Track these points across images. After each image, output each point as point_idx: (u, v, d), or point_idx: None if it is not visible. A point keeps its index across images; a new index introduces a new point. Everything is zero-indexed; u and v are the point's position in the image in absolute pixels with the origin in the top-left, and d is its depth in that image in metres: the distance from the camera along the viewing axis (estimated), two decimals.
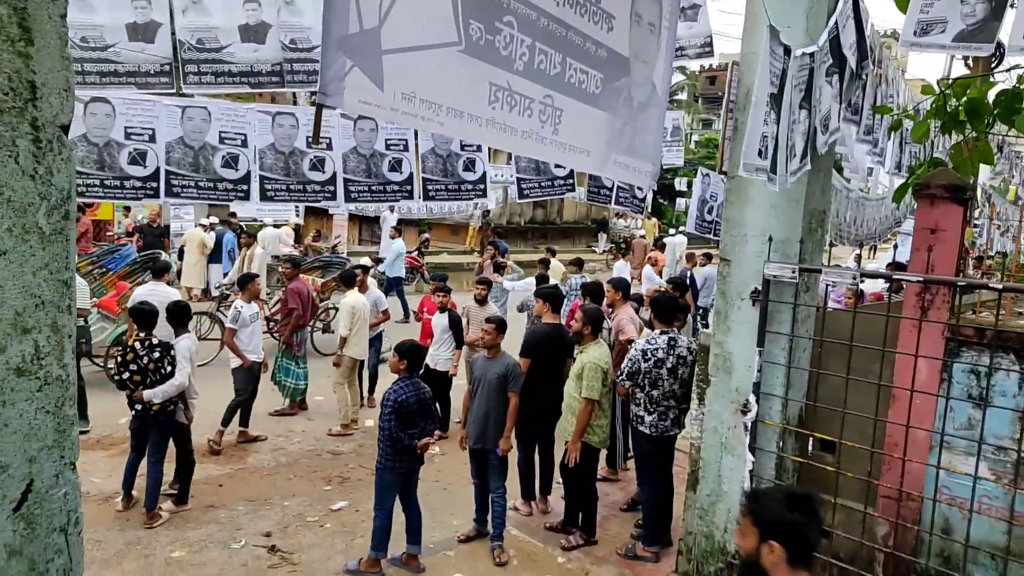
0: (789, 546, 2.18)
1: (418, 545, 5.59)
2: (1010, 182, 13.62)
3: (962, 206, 4.57)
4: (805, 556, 2.21)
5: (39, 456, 1.68)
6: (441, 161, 6.31)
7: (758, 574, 2.21)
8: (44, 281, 1.62)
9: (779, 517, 2.20)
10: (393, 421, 5.25)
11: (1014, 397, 4.49)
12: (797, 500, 2.24)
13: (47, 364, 1.68)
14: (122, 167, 5.28)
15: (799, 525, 2.20)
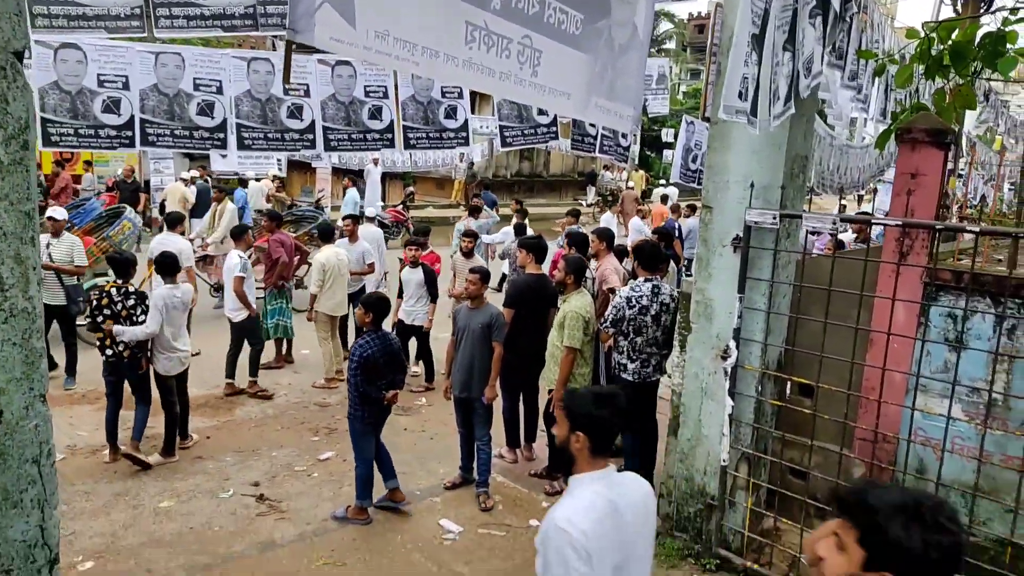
0: (593, 437, 2.45)
1: (395, 478, 5.69)
2: (996, 131, 13.60)
3: (943, 150, 4.57)
4: (604, 448, 2.50)
5: (8, 388, 1.68)
6: (422, 109, 6.21)
7: (567, 460, 2.51)
8: (5, 212, 1.59)
9: (586, 411, 2.47)
10: (359, 375, 5.29)
11: (988, 340, 4.56)
12: (603, 398, 2.51)
13: (12, 296, 1.66)
14: (96, 115, 5.17)
15: (603, 419, 2.47)
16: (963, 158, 10.54)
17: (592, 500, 2.40)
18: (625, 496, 2.47)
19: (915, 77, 6.16)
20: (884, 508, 1.54)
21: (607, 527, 2.37)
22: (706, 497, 5.07)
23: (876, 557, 1.54)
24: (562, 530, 2.31)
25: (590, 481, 2.46)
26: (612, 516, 2.40)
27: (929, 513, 1.52)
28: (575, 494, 2.45)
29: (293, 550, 5.15)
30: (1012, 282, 4.46)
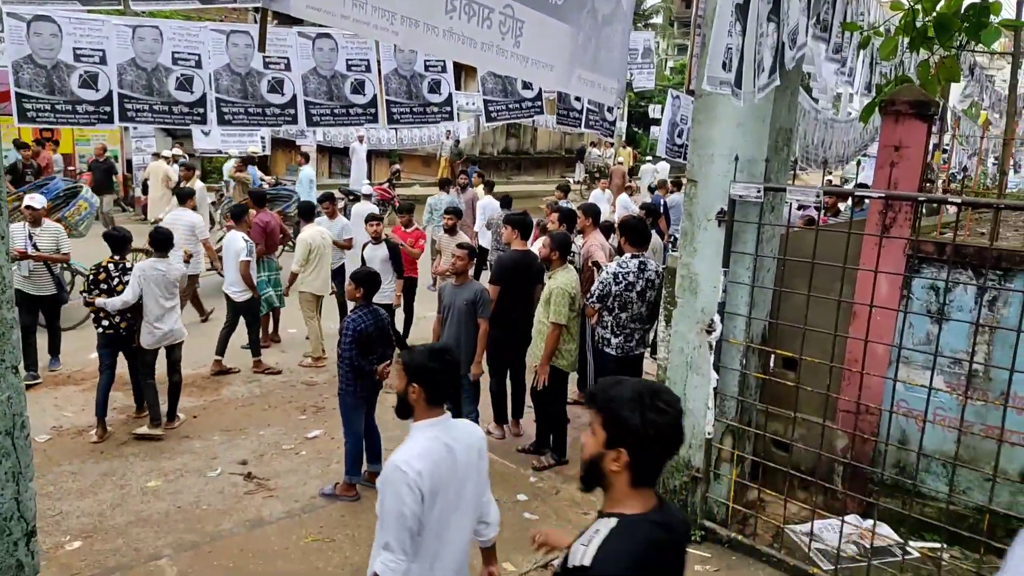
0: (427, 388, 2.70)
1: (378, 464, 5.71)
2: (980, 106, 13.63)
3: (926, 123, 4.58)
4: (438, 398, 2.76)
5: None
6: (405, 83, 6.13)
7: (406, 409, 2.77)
8: None
9: (421, 365, 2.71)
10: (354, 349, 5.30)
11: (970, 311, 4.60)
12: (436, 353, 2.77)
13: None
14: (73, 91, 5.07)
15: (435, 371, 2.70)
16: (947, 132, 10.56)
17: (429, 444, 2.68)
18: (459, 440, 2.75)
19: (900, 49, 6.15)
20: (617, 398, 1.90)
21: (443, 468, 2.66)
22: (691, 470, 5.11)
23: (613, 436, 1.91)
24: (400, 470, 2.57)
25: (427, 427, 2.74)
26: (447, 458, 2.68)
27: (648, 399, 1.88)
28: (413, 438, 2.73)
29: (281, 527, 5.16)
30: (993, 253, 4.50)
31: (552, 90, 7.11)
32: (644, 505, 1.93)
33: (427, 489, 2.58)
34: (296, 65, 5.56)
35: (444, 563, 2.73)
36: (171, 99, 5.26)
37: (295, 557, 4.81)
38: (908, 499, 4.61)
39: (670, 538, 1.95)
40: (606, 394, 1.95)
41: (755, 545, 4.83)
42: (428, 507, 2.61)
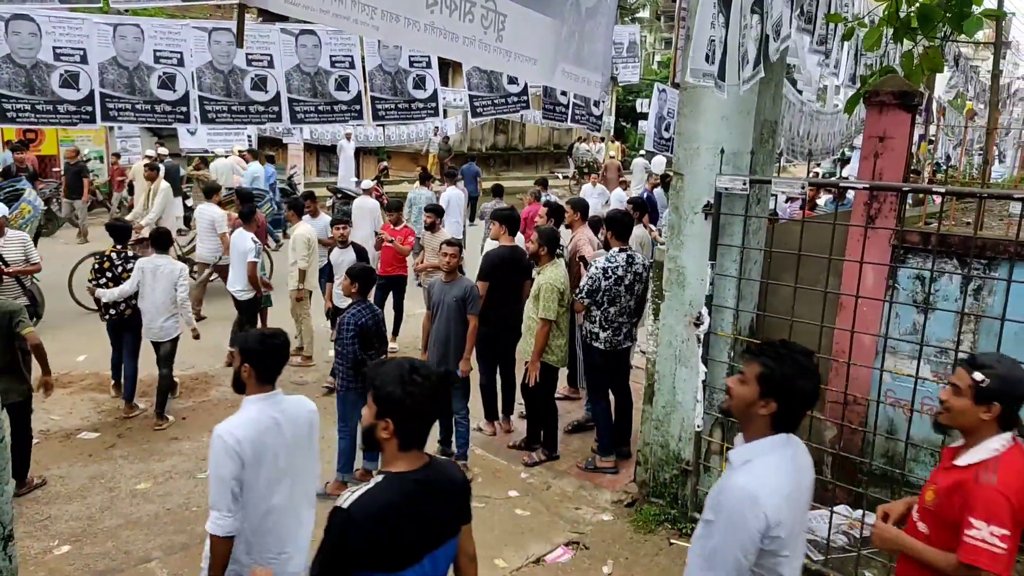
0: (256, 366, 3.01)
1: (375, 461, 5.70)
2: (966, 96, 13.70)
3: (910, 113, 4.59)
4: (267, 377, 3.05)
5: None
6: (389, 79, 6.10)
7: (240, 385, 3.06)
8: None
9: (251, 347, 3.03)
10: (356, 344, 5.31)
11: (956, 301, 4.62)
12: (266, 337, 3.09)
13: None
14: (54, 90, 5.02)
15: (263, 351, 3.02)
16: (932, 123, 10.61)
17: (255, 416, 2.98)
18: (286, 413, 3.06)
19: (884, 40, 6.16)
20: (382, 375, 2.20)
21: (268, 437, 2.96)
22: (681, 463, 5.12)
23: (381, 409, 2.20)
24: (220, 438, 2.90)
25: (256, 401, 3.04)
26: (273, 429, 2.99)
27: (408, 375, 2.17)
28: (242, 410, 3.03)
29: None
30: (977, 242, 4.52)
31: (537, 84, 7.09)
32: (410, 465, 2.24)
33: (249, 455, 2.91)
34: (279, 62, 5.52)
35: (275, 521, 3.06)
36: (154, 98, 5.22)
37: None
38: (897, 488, 4.62)
39: (431, 490, 2.26)
40: (374, 373, 2.26)
41: None
42: (253, 472, 2.93)
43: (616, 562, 4.78)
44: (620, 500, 5.54)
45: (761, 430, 2.30)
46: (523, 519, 5.28)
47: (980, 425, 2.53)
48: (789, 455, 2.30)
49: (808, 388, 2.29)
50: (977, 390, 2.51)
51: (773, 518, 2.16)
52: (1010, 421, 2.51)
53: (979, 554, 2.38)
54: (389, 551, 2.16)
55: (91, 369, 7.70)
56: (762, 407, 2.27)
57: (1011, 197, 3.80)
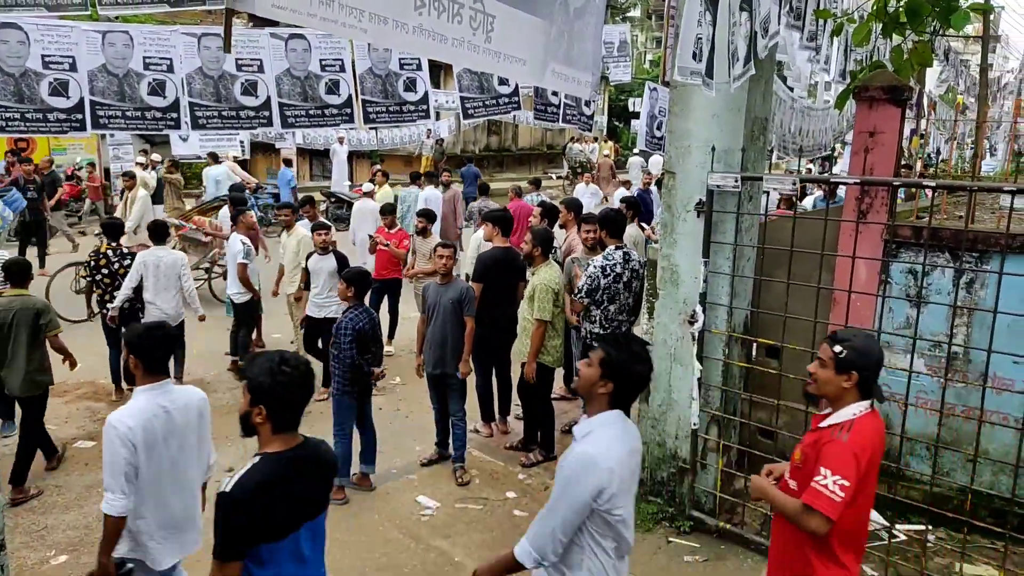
0: (141, 358, 3.27)
1: (372, 465, 5.70)
2: (956, 90, 13.76)
3: (900, 108, 4.61)
4: (155, 368, 3.33)
5: None
6: (380, 82, 6.09)
7: (129, 376, 3.35)
8: None
9: (136, 340, 3.28)
10: (354, 348, 5.31)
11: (948, 294, 4.64)
12: (151, 328, 3.38)
13: None
14: (43, 99, 5.01)
15: (148, 344, 3.29)
16: (924, 117, 10.65)
17: (144, 405, 3.24)
18: (176, 402, 3.32)
19: (873, 35, 6.18)
20: (254, 367, 2.48)
21: (156, 424, 3.23)
22: (678, 461, 5.13)
23: (254, 397, 2.47)
24: (112, 426, 3.15)
25: (146, 391, 3.29)
26: (162, 416, 3.25)
27: (276, 365, 2.45)
28: (133, 399, 3.29)
29: None
30: (969, 236, 4.54)
31: (527, 85, 7.08)
32: (284, 445, 2.51)
33: (139, 441, 3.17)
34: (269, 67, 5.51)
35: (169, 500, 3.34)
36: (144, 104, 5.21)
37: None
38: (893, 482, 4.64)
39: (303, 467, 2.54)
40: (247, 365, 2.55)
41: (743, 534, 4.85)
42: (146, 456, 3.20)
43: None
44: None
45: (601, 406, 2.67)
46: (521, 520, 5.28)
47: (842, 393, 2.82)
48: (622, 428, 2.66)
49: (640, 372, 2.67)
50: (837, 361, 2.81)
51: (608, 479, 2.50)
52: (868, 390, 2.82)
53: (819, 497, 2.66)
54: (269, 523, 2.44)
55: (86, 378, 7.68)
56: (601, 387, 2.64)
57: (1001, 190, 3.82)
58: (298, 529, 2.54)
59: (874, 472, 2.82)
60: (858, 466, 2.67)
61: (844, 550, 2.78)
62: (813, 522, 2.68)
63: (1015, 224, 3.96)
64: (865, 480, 2.73)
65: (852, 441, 2.70)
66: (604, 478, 2.48)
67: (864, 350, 2.82)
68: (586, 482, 2.49)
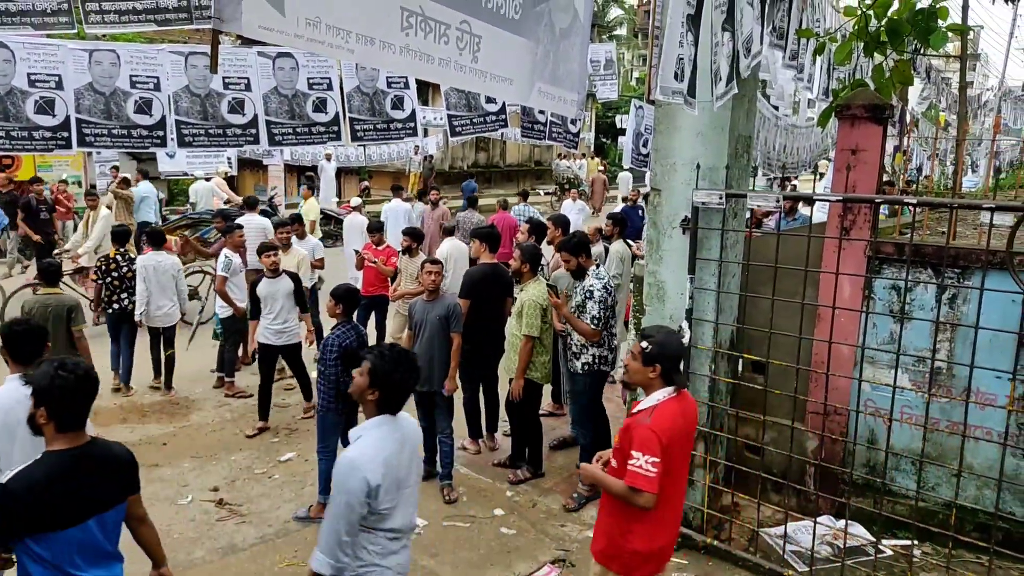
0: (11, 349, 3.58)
1: None
2: (938, 108, 13.95)
3: (882, 126, 4.67)
4: (24, 355, 3.60)
5: None
6: (368, 100, 6.12)
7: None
8: None
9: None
10: (339, 366, 5.28)
11: (931, 310, 4.68)
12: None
13: None
14: (29, 117, 5.00)
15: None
16: (907, 134, 10.78)
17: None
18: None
19: (855, 54, 6.27)
20: (37, 375, 2.71)
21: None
22: None
23: (38, 400, 2.72)
24: None
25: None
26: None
27: (55, 370, 2.68)
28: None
29: (255, 553, 5.08)
30: (951, 252, 4.59)
31: (514, 104, 7.14)
32: (69, 444, 2.73)
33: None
34: (256, 85, 5.53)
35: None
36: (130, 123, 5.20)
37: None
38: (879, 498, 4.66)
39: (89, 464, 2.75)
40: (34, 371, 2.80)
41: (731, 550, 4.85)
42: None
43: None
44: None
45: (371, 412, 2.99)
46: (509, 538, 5.26)
47: (650, 382, 3.24)
48: (389, 430, 2.95)
49: (400, 379, 2.95)
50: (644, 355, 3.22)
51: (372, 479, 2.78)
52: (670, 378, 3.23)
53: (637, 478, 3.06)
54: (48, 515, 2.65)
55: None
56: (371, 394, 2.95)
57: (981, 207, 3.87)
58: (85, 521, 2.75)
59: (685, 444, 3.29)
60: (661, 443, 3.06)
61: (654, 516, 3.20)
62: (641, 499, 3.08)
63: (995, 240, 4.01)
64: (673, 453, 3.15)
65: (654, 423, 3.10)
66: (369, 478, 2.77)
67: (665, 344, 3.23)
68: (353, 485, 2.77)
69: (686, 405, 3.28)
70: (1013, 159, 17.25)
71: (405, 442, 3.04)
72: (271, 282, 6.89)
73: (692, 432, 3.36)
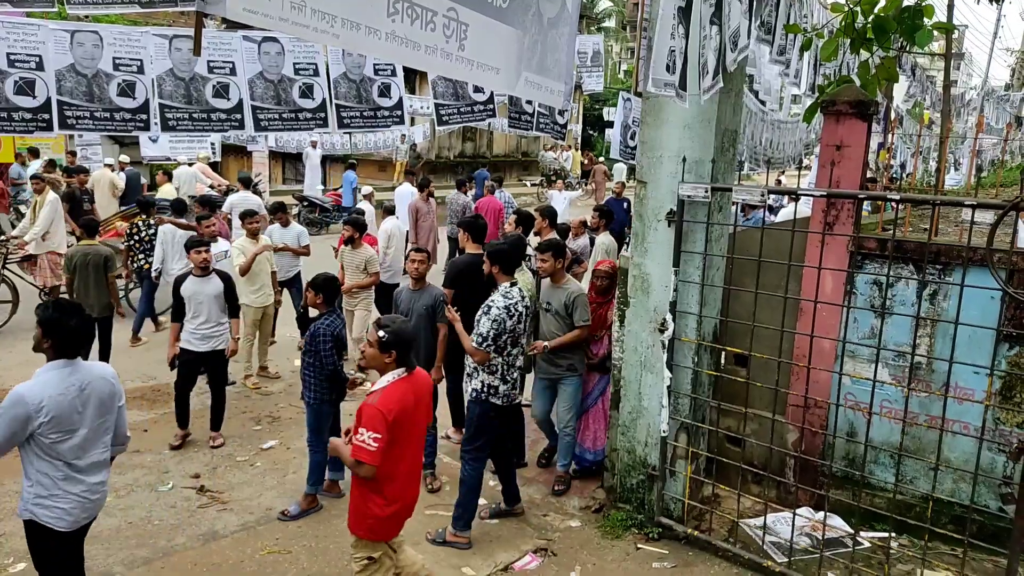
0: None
1: (341, 472, 5.66)
2: (923, 105, 14.05)
3: (866, 122, 4.70)
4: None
5: None
6: (354, 87, 6.07)
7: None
8: None
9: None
10: (334, 354, 5.30)
11: (912, 305, 4.73)
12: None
13: None
14: (8, 97, 4.92)
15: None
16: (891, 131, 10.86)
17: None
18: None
19: (841, 51, 6.30)
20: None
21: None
22: (648, 468, 5.16)
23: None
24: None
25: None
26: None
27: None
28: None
29: (236, 540, 5.06)
30: (932, 248, 4.64)
31: (501, 93, 7.11)
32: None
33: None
34: (242, 69, 5.46)
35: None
36: (113, 105, 5.13)
37: (250, 570, 4.73)
38: (858, 490, 4.72)
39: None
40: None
41: (711, 540, 4.90)
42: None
43: (583, 568, 4.79)
44: (588, 506, 5.56)
45: (50, 357, 3.46)
46: (491, 527, 5.28)
47: (385, 366, 3.64)
48: (67, 372, 3.43)
49: (68, 328, 3.40)
50: (380, 343, 3.60)
51: (34, 408, 3.28)
52: (404, 362, 3.64)
53: (360, 451, 3.48)
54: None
55: None
56: (45, 343, 3.44)
57: (962, 204, 3.91)
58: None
59: (415, 416, 3.68)
60: (386, 421, 3.45)
61: (386, 484, 3.62)
62: (363, 471, 3.53)
63: (976, 237, 4.06)
64: (403, 424, 3.56)
65: (380, 403, 3.48)
66: (30, 410, 3.27)
67: (399, 333, 3.62)
68: (13, 413, 3.25)
69: (416, 381, 3.70)
70: (994, 158, 17.43)
71: (84, 388, 3.48)
72: (199, 281, 6.24)
73: (424, 403, 3.79)
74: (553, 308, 5.62)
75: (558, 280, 5.67)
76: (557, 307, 5.59)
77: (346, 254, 7.83)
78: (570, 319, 5.56)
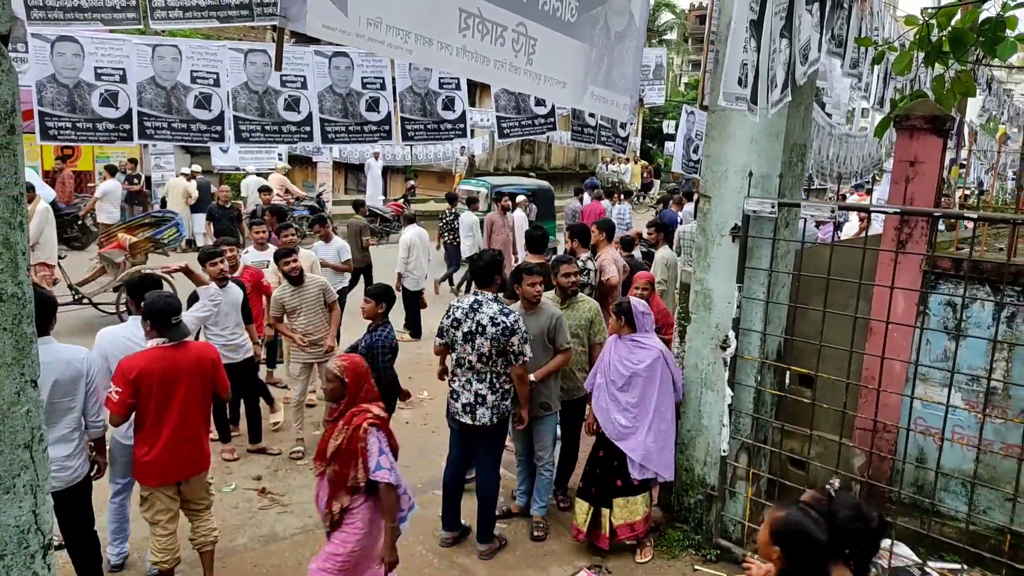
0: None
1: None
2: (999, 120, 13.52)
3: (942, 138, 4.56)
4: None
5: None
6: (419, 100, 6.19)
7: None
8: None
9: None
10: (391, 365, 5.40)
11: (988, 328, 4.55)
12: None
13: (1, 281, 1.68)
14: (94, 109, 5.17)
15: None
16: (964, 147, 10.48)
17: None
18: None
19: (914, 64, 6.13)
20: None
21: None
22: (706, 488, 5.07)
23: None
24: None
25: None
26: None
27: None
28: None
29: (295, 542, 5.16)
30: (1011, 269, 4.45)
31: (566, 107, 7.12)
32: None
33: None
34: (312, 83, 5.63)
35: None
36: (190, 117, 5.35)
37: None
38: (927, 518, 4.54)
39: None
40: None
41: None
42: None
43: None
44: None
45: None
46: (545, 542, 5.25)
47: (148, 334, 4.23)
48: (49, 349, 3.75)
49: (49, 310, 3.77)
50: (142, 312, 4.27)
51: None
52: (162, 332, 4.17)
53: (108, 403, 4.00)
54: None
55: None
56: None
57: None
58: None
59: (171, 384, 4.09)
60: (126, 377, 3.94)
61: (138, 434, 4.13)
62: (109, 418, 4.11)
63: None
64: (152, 386, 4.02)
65: (124, 362, 4.00)
66: None
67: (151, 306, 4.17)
68: None
69: (183, 353, 4.15)
70: None
71: (56, 362, 3.79)
72: (218, 292, 5.79)
73: (188, 373, 4.15)
74: (531, 335, 4.96)
75: (530, 307, 5.13)
76: (535, 334, 5.02)
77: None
78: (552, 345, 5.10)
